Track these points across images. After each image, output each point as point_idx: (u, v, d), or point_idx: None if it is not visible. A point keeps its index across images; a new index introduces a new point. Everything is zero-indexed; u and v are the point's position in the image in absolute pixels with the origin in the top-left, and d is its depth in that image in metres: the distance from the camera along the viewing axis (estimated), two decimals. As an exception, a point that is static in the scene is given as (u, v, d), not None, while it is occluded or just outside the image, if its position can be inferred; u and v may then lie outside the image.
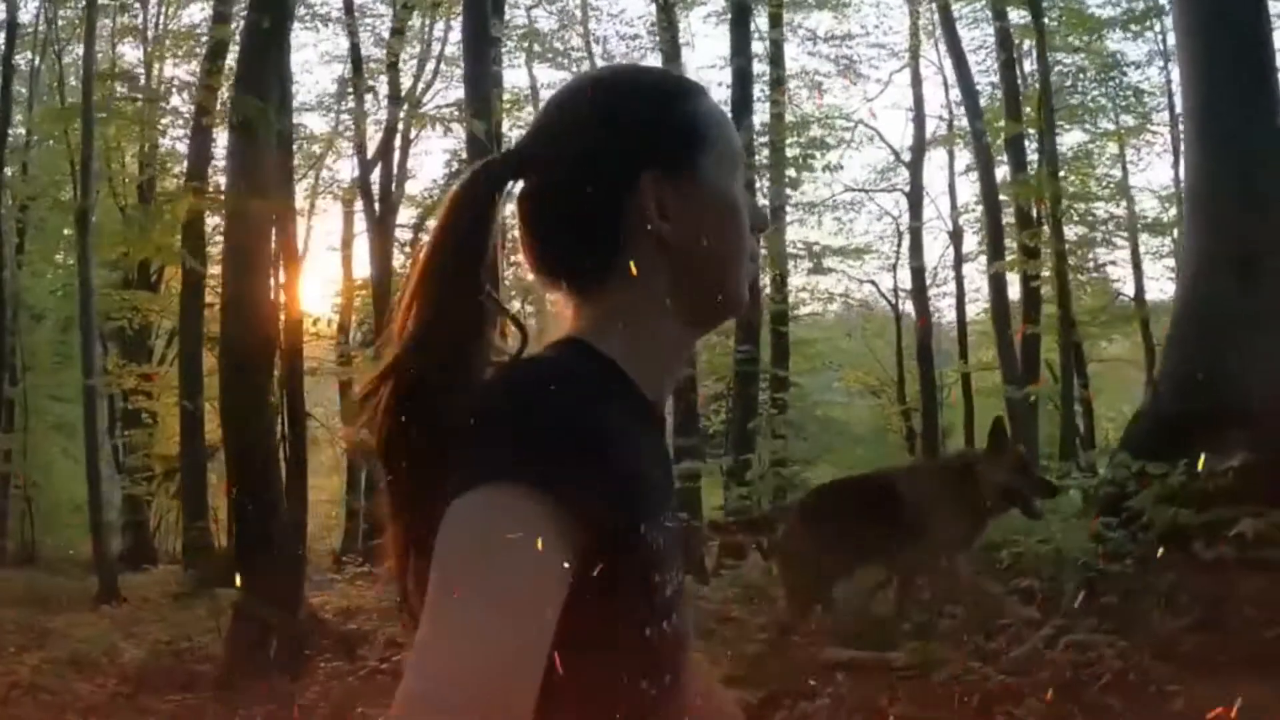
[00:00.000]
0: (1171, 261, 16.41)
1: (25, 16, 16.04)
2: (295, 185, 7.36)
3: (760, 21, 14.08)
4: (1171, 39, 16.45)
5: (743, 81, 12.12)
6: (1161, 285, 17.06)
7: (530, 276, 0.94)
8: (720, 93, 12.63)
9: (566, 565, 0.73)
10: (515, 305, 0.97)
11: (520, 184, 0.92)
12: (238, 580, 7.29)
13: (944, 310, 16.68)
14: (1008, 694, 4.00)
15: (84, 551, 13.62)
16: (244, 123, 7.06)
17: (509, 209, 0.92)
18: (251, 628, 7.14)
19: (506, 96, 15.41)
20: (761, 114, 13.99)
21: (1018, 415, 12.57)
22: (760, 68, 14.23)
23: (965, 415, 15.14)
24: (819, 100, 15.73)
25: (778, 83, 13.77)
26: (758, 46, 14.31)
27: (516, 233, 0.95)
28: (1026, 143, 12.65)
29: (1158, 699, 3.95)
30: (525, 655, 0.69)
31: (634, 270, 0.89)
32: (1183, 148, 8.42)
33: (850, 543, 4.80)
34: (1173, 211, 16.29)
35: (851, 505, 5.00)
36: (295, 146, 17.06)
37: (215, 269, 13.93)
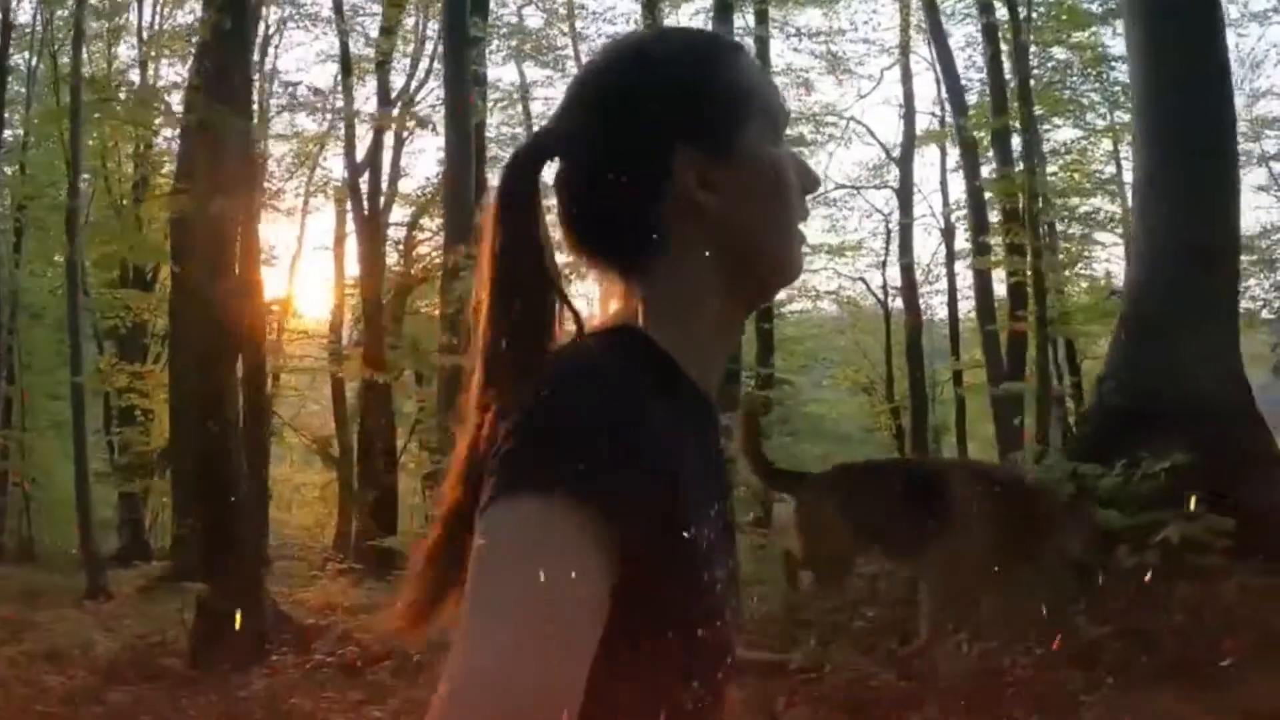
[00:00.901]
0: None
1: (23, 17, 16.35)
2: (260, 184, 7.47)
3: (749, 19, 14.17)
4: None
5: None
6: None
7: (570, 257, 0.91)
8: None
9: (605, 575, 0.70)
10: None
11: (556, 163, 0.89)
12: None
13: (936, 307, 16.73)
14: (907, 699, 3.97)
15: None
16: (204, 123, 7.22)
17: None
18: (212, 622, 7.33)
19: (496, 95, 15.56)
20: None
21: (1002, 413, 12.63)
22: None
23: (957, 412, 15.18)
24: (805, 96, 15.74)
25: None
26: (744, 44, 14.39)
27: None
28: (1016, 139, 12.67)
29: (1067, 708, 3.90)
30: (556, 675, 0.66)
31: (682, 247, 0.86)
32: (1129, 137, 8.37)
33: (884, 525, 4.68)
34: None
35: (893, 487, 4.86)
36: (290, 145, 17.36)
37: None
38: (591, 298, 0.93)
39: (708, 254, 0.86)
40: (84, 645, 8.21)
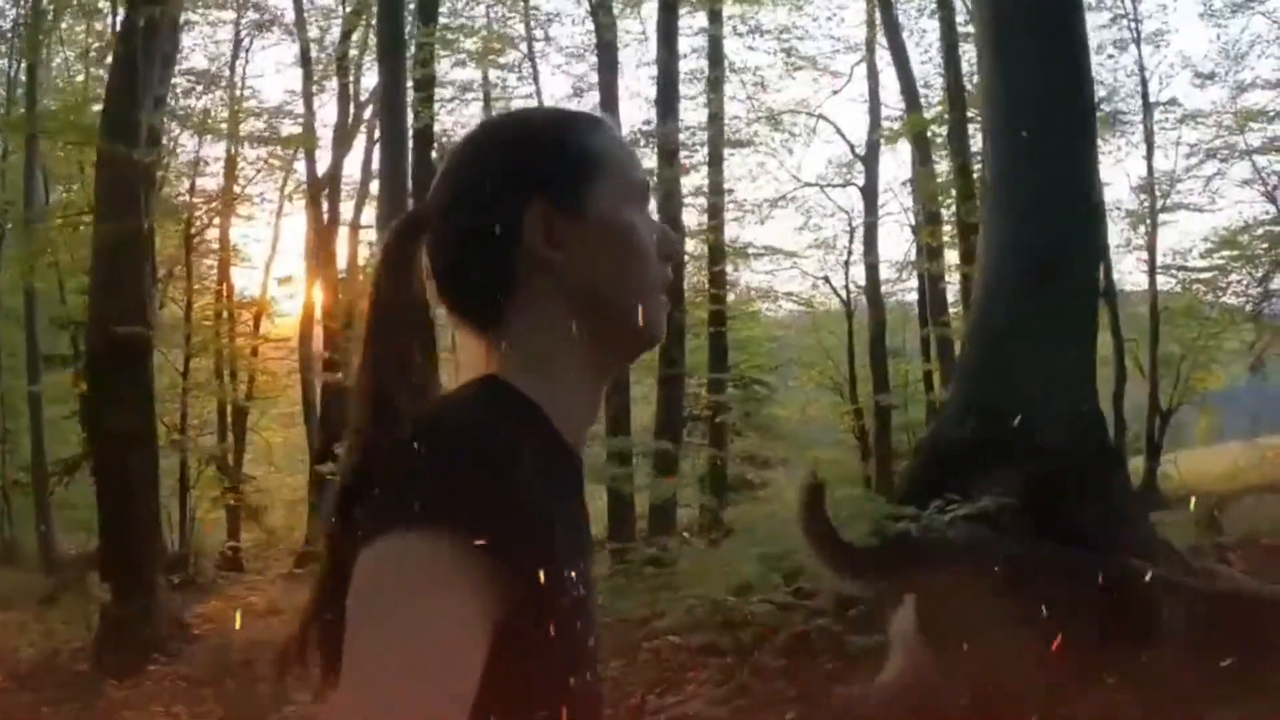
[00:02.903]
0: (1144, 254, 16.34)
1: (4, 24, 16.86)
2: (148, 209, 7.82)
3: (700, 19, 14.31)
4: (1145, 26, 16.36)
5: (667, 81, 12.38)
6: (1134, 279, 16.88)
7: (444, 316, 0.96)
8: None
9: (484, 614, 0.72)
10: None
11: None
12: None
13: (911, 305, 16.74)
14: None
15: (64, 550, 14.35)
16: (99, 153, 7.59)
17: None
18: (112, 629, 7.73)
19: (449, 93, 15.82)
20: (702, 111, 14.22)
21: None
22: (700, 64, 14.50)
23: (928, 414, 15.23)
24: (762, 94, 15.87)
25: (716, 81, 13.97)
26: (697, 42, 14.58)
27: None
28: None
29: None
30: (441, 708, 0.67)
31: (534, 302, 0.91)
32: (983, 139, 7.68)
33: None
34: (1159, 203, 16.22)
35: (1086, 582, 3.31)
36: (269, 148, 17.74)
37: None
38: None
39: (560, 309, 0.90)
40: (12, 651, 8.64)
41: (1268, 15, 15.73)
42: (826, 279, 16.26)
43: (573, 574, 0.81)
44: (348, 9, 15.00)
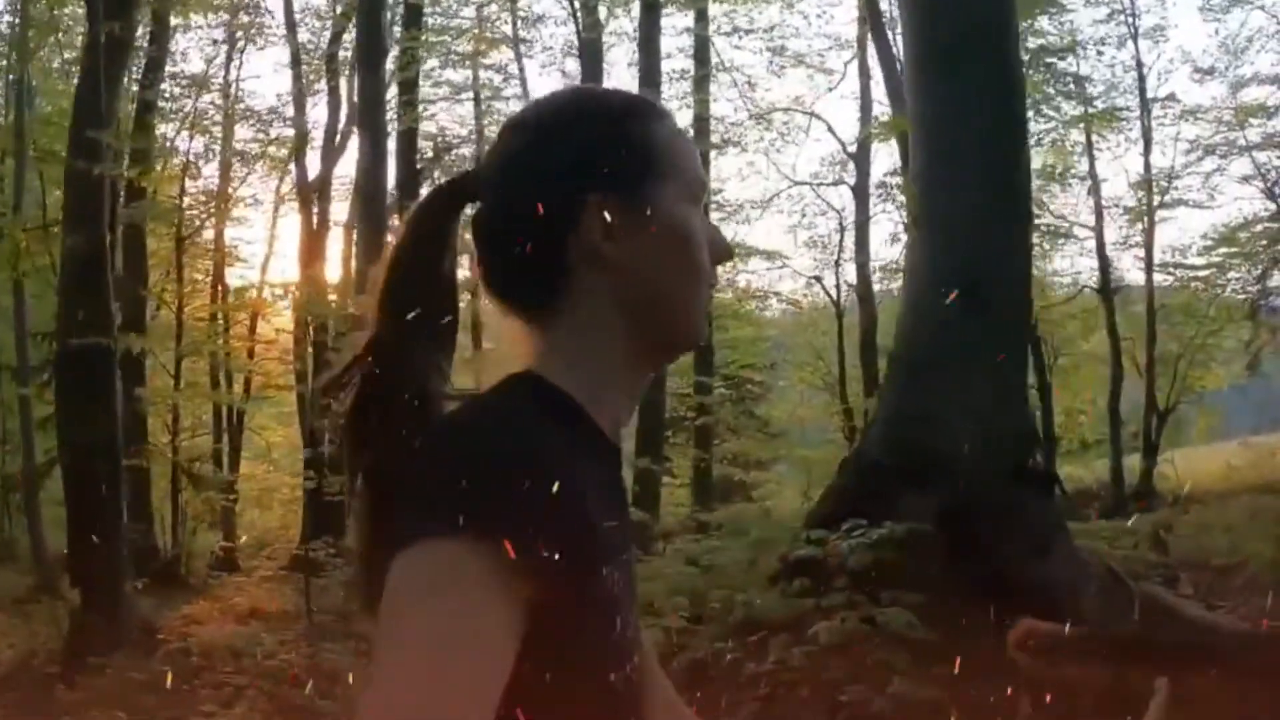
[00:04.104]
0: (1141, 252, 16.37)
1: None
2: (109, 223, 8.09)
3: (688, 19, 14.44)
4: (1142, 21, 16.37)
5: (649, 82, 12.52)
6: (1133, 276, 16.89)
7: (487, 303, 0.95)
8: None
9: (514, 617, 0.73)
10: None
11: (476, 206, 0.94)
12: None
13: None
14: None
15: (55, 550, 14.71)
16: (67, 168, 7.83)
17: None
18: (79, 632, 8.00)
19: (443, 92, 16.03)
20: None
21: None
22: (687, 63, 14.63)
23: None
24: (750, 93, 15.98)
25: (702, 81, 14.10)
26: (684, 41, 14.70)
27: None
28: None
29: None
30: (466, 713, 0.68)
31: (584, 297, 0.90)
32: (911, 158, 7.58)
33: None
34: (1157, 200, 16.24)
35: None
36: (263, 149, 18.02)
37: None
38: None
39: (609, 304, 0.90)
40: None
41: (1267, 9, 15.70)
42: (818, 278, 16.39)
43: (611, 568, 0.82)
44: (338, 11, 15.24)
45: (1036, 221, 16.83)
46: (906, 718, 3.93)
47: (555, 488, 0.76)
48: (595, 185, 0.89)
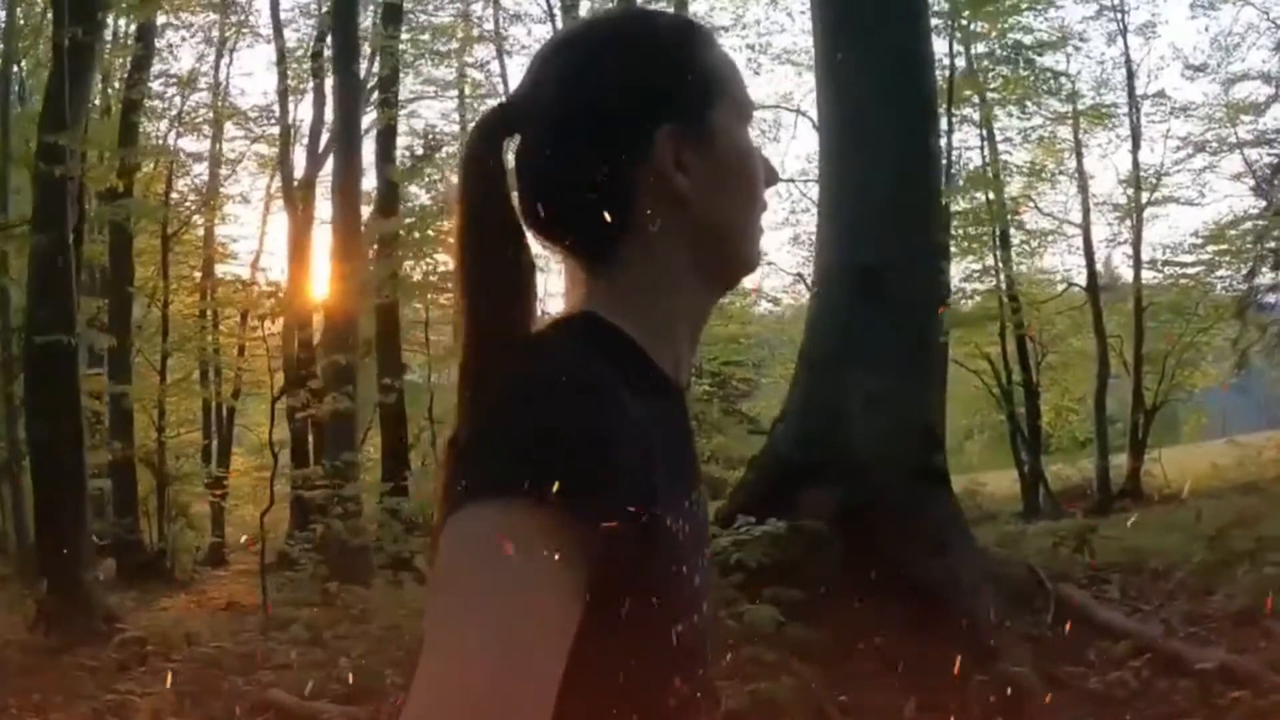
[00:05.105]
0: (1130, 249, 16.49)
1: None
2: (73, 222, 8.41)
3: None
4: (1131, 18, 16.46)
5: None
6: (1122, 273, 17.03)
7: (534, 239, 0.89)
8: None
9: (574, 582, 0.71)
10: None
11: (518, 138, 0.89)
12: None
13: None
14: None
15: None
16: (45, 156, 8.13)
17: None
18: (46, 622, 8.34)
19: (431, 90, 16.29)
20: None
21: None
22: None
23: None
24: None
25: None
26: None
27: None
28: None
29: None
30: (525, 689, 0.66)
31: (651, 230, 0.86)
32: (819, 145, 7.23)
33: None
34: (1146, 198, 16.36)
35: None
36: (253, 146, 18.37)
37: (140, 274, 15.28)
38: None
39: (676, 237, 0.87)
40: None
41: (1257, 6, 15.75)
42: (801, 275, 16.55)
43: (676, 515, 0.80)
44: (324, 10, 15.53)
45: (1026, 219, 17.07)
46: (763, 714, 4.02)
47: (617, 442, 0.74)
48: (666, 114, 0.86)
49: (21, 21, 14.19)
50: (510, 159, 0.89)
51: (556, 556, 0.69)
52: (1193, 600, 6.25)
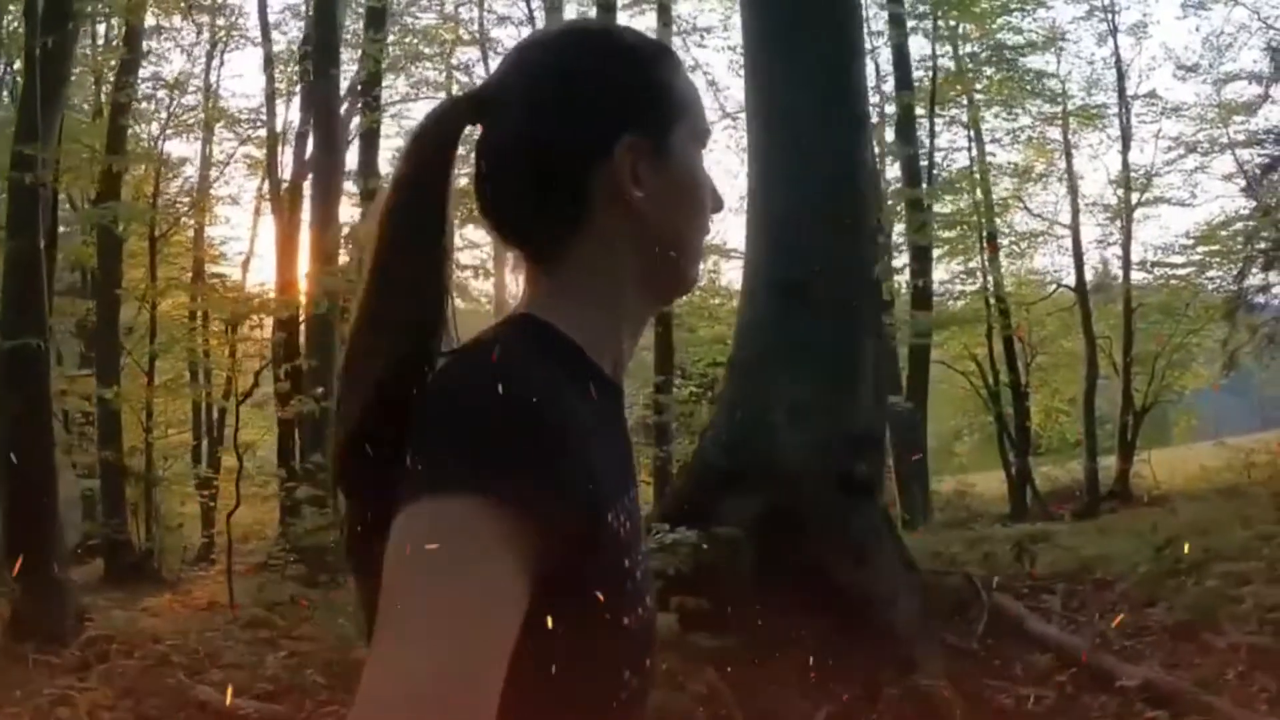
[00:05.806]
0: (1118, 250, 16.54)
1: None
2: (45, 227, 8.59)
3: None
4: (1121, 18, 16.49)
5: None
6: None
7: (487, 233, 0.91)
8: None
9: (522, 576, 0.72)
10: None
11: (480, 129, 0.91)
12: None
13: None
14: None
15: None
16: (17, 164, 8.30)
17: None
18: (17, 622, 8.53)
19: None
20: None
21: (898, 424, 13.09)
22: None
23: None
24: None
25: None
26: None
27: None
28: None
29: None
30: (476, 677, 0.68)
31: (601, 237, 0.89)
32: (748, 146, 7.10)
33: None
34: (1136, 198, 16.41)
35: None
36: (243, 148, 18.51)
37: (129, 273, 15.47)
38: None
39: (623, 247, 0.90)
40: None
41: (1248, 6, 15.77)
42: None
43: (617, 511, 0.82)
44: (310, 13, 15.67)
45: (1018, 219, 17.14)
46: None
47: (564, 440, 0.77)
48: (630, 126, 0.89)
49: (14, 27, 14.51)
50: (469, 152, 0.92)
51: (504, 552, 0.72)
52: (1133, 612, 6.26)
